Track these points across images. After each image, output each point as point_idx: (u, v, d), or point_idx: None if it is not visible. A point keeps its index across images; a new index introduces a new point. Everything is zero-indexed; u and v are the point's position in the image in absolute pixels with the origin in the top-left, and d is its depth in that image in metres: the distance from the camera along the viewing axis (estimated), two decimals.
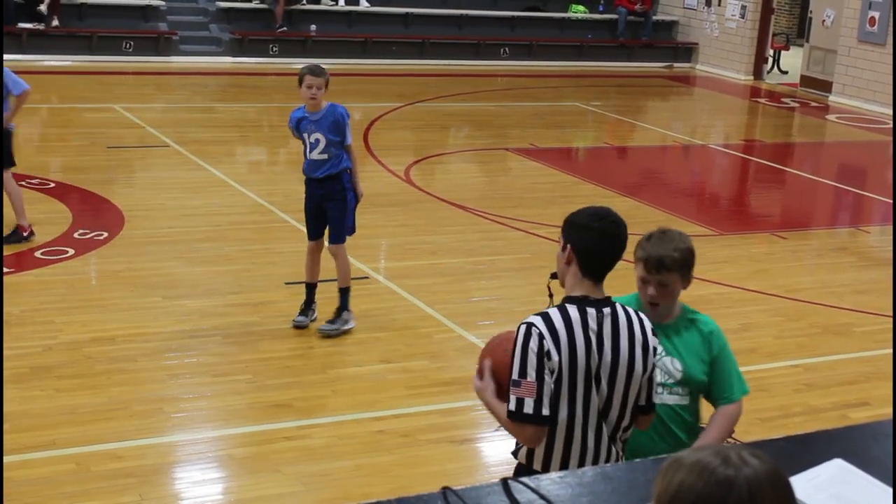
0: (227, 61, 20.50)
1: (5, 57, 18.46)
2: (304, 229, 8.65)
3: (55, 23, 19.31)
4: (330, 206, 8.31)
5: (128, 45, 19.90)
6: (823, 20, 22.31)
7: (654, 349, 4.15)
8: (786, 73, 24.50)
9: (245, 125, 15.96)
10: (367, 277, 9.65)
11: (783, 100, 21.59)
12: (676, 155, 16.62)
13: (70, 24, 19.64)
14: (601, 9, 24.43)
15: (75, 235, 10.21)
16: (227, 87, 19.23)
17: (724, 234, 12.03)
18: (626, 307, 4.13)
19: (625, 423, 4.13)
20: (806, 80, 22.61)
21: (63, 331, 8.16)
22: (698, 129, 19.01)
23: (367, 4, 22.04)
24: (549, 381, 3.95)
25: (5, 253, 9.51)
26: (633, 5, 24.07)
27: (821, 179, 15.49)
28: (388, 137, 15.42)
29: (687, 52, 24.53)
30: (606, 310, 4.05)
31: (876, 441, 3.49)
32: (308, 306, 8.51)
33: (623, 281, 4.68)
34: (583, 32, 23.97)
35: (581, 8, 24.26)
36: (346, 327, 8.41)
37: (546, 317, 3.98)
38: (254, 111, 17.09)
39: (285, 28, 21.09)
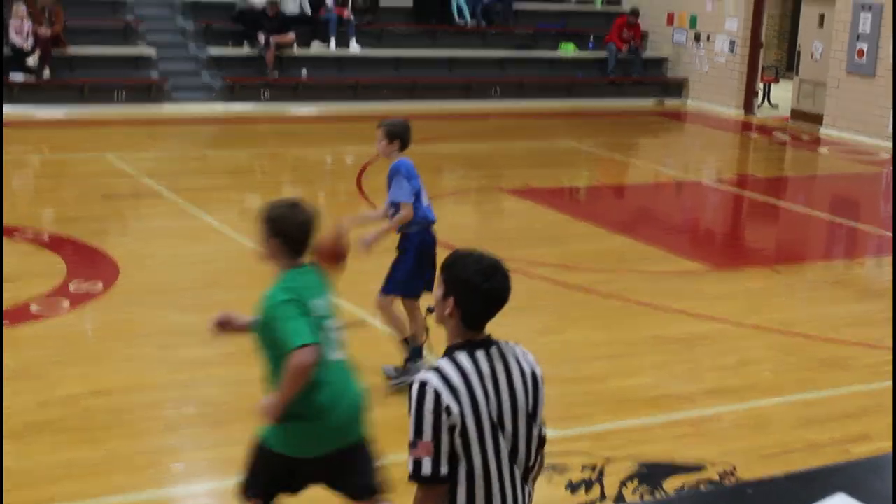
0: (218, 108, 20.55)
1: None
2: None
3: (46, 74, 19.36)
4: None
5: (119, 94, 19.96)
6: (812, 53, 22.43)
7: (541, 378, 4.10)
8: (776, 106, 24.59)
9: (238, 171, 15.97)
10: (364, 322, 9.63)
11: (774, 133, 21.66)
12: (669, 191, 16.65)
13: (61, 75, 19.69)
14: (591, 46, 24.54)
15: (70, 287, 10.18)
16: (220, 133, 19.27)
17: (719, 270, 12.03)
18: (507, 343, 4.09)
19: (531, 461, 4.08)
20: (796, 114, 22.71)
21: (60, 384, 8.12)
22: (691, 164, 19.05)
23: (357, 48, 22.13)
24: (446, 440, 3.86)
25: None
26: (624, 43, 24.16)
27: (814, 212, 15.50)
28: (381, 181, 15.30)
29: (677, 87, 24.63)
30: (493, 350, 4.01)
31: (877, 475, 3.48)
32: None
33: None
34: (573, 71, 24.07)
35: (570, 46, 24.37)
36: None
37: (439, 372, 3.89)
38: (246, 157, 17.10)
39: (276, 74, 21.16)
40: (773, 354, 9.46)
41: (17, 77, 19.06)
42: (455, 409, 3.84)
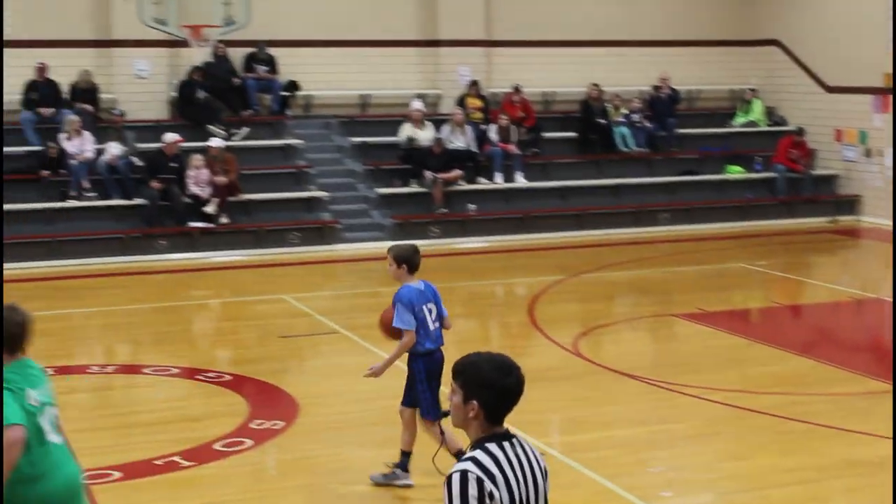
0: (390, 246, 20.86)
1: (181, 256, 19.30)
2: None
3: (224, 220, 20.02)
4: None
5: (293, 236, 20.49)
6: None
7: (547, 470, 4.42)
8: None
9: None
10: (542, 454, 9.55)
11: None
12: (849, 310, 16.22)
13: (238, 220, 20.34)
14: (758, 167, 24.30)
15: (252, 426, 10.37)
16: None
17: None
18: (517, 435, 4.37)
19: None
20: None
21: None
22: (869, 281, 18.56)
23: (523, 181, 22.34)
24: None
25: (185, 446, 9.74)
26: (798, 165, 23.89)
27: None
28: (553, 311, 15.42)
29: (850, 204, 24.13)
30: (514, 440, 4.34)
31: None
32: None
33: None
34: (741, 192, 23.84)
35: (738, 168, 24.19)
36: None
37: (476, 461, 4.19)
38: None
39: (445, 210, 21.47)
40: None
41: (196, 224, 19.75)
42: (497, 494, 4.16)
